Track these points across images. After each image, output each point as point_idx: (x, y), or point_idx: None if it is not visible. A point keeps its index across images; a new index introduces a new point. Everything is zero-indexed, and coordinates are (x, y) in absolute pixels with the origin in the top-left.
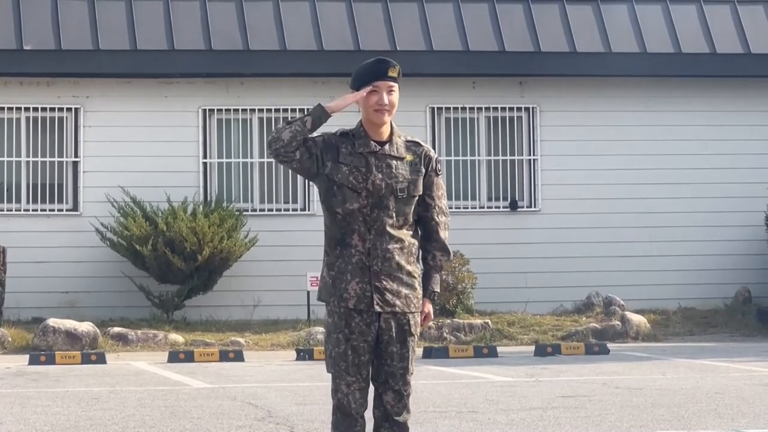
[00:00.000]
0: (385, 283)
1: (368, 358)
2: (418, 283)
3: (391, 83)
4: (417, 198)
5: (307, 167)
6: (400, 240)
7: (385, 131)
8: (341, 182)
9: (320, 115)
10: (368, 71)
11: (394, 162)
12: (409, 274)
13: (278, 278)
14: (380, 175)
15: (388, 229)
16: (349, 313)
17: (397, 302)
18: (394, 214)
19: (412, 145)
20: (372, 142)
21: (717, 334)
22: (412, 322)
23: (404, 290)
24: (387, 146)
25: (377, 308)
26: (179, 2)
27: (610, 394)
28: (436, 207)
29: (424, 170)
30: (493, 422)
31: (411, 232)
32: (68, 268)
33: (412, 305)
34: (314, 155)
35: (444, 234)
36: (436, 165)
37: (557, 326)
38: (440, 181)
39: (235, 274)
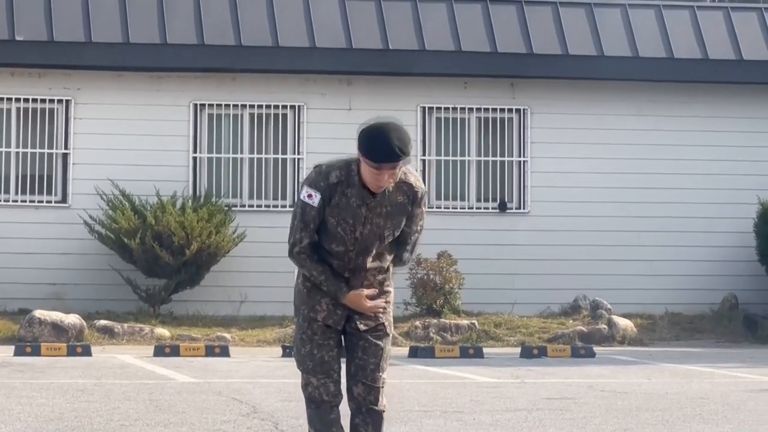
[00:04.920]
0: (357, 314)
1: (337, 353)
2: (389, 286)
3: (394, 164)
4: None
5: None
6: (377, 262)
7: None
8: (330, 230)
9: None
10: (378, 153)
11: (385, 210)
12: (381, 283)
13: (265, 274)
14: (369, 227)
15: (367, 266)
16: (311, 316)
17: (369, 321)
18: (374, 254)
19: (404, 186)
20: (365, 192)
21: (703, 340)
22: (386, 323)
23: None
24: (380, 196)
25: (348, 328)
26: None
27: (596, 397)
28: (410, 243)
29: (410, 208)
30: (478, 422)
31: (389, 251)
32: (56, 260)
33: (386, 312)
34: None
35: (406, 256)
36: (420, 200)
37: (544, 328)
38: (421, 210)
39: (222, 270)
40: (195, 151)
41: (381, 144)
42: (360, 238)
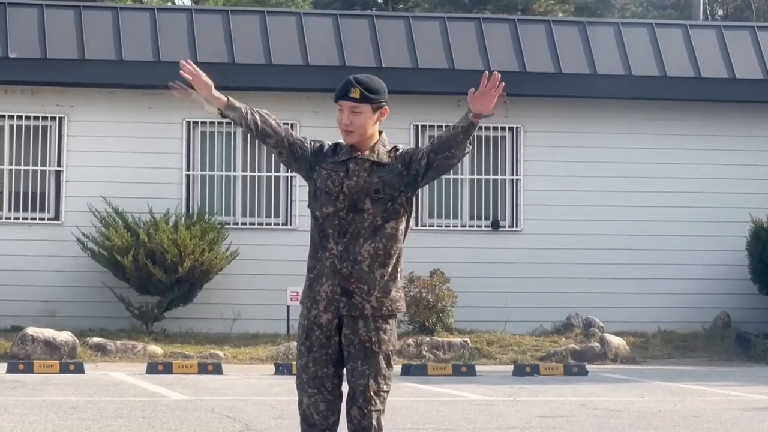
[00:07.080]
0: (353, 286)
1: (333, 371)
2: (396, 288)
3: (354, 104)
4: (397, 198)
5: (289, 160)
6: (376, 243)
7: (369, 145)
8: (320, 187)
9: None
10: (337, 90)
11: (373, 165)
12: (383, 276)
13: (258, 292)
14: (355, 179)
15: (364, 232)
16: (310, 326)
17: (367, 306)
18: (371, 217)
19: (391, 151)
20: (354, 150)
21: (696, 358)
22: (374, 339)
23: (377, 293)
24: (368, 152)
25: (343, 311)
26: (166, 14)
27: (588, 416)
28: (423, 150)
29: (400, 166)
30: None
31: (393, 235)
32: (48, 277)
33: (384, 308)
34: (296, 154)
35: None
36: (407, 150)
37: (536, 346)
38: (413, 148)
39: (215, 287)
40: (188, 169)
41: (342, 83)
42: (348, 192)
